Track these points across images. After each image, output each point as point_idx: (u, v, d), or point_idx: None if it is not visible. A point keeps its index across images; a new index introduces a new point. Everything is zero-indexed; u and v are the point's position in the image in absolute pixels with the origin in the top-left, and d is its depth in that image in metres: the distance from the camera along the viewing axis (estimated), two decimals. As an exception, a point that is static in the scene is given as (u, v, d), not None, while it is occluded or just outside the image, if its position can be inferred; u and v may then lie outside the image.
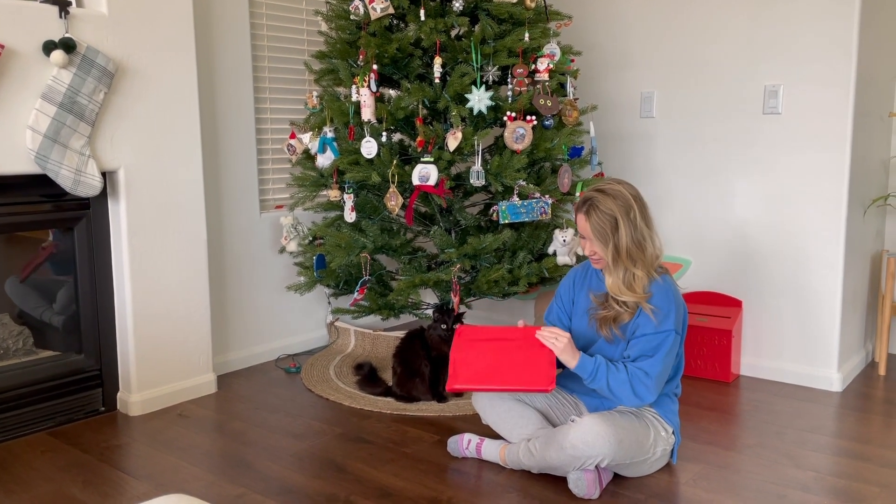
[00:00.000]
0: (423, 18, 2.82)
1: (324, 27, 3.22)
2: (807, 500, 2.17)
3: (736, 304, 3.31)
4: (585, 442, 2.12)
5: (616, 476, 2.30)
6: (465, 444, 2.47)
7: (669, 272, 2.32)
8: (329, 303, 3.81)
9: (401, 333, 3.61)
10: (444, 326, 2.86)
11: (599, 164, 3.30)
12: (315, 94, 3.14)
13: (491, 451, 2.42)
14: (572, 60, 3.10)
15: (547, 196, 2.87)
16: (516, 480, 2.30)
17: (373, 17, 2.84)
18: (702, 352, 3.27)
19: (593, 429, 2.12)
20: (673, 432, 2.32)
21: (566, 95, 3.06)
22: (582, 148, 3.16)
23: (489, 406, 2.45)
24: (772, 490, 2.24)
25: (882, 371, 3.34)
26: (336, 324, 3.77)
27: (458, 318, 2.89)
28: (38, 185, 2.65)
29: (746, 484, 2.28)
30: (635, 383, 2.16)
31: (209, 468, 2.43)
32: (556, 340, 2.21)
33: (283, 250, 3.41)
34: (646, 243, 2.20)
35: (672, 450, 2.35)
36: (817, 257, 3.11)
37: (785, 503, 2.15)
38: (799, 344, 3.20)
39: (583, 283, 2.42)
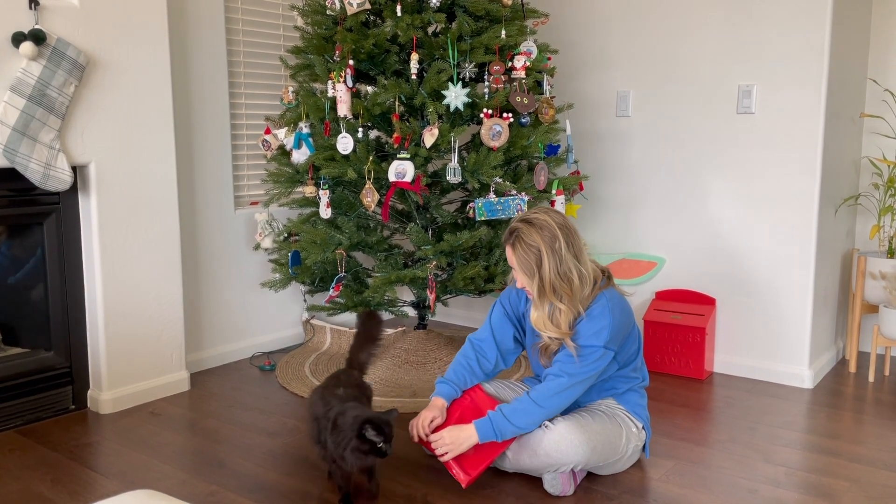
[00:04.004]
0: (399, 14, 2.80)
1: (300, 22, 3.20)
2: (778, 494, 2.20)
3: (709, 301, 3.34)
4: (559, 450, 2.12)
5: (590, 472, 2.30)
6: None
7: (613, 283, 2.26)
8: (304, 300, 3.78)
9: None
10: (380, 445, 1.98)
11: (575, 162, 3.32)
12: (291, 89, 3.12)
13: None
14: (549, 58, 3.11)
15: (523, 193, 2.87)
16: (492, 478, 2.30)
17: (349, 13, 2.83)
18: (675, 349, 3.29)
19: (567, 437, 2.12)
20: (643, 427, 2.33)
21: (543, 93, 3.06)
22: (558, 146, 3.17)
23: None
24: (743, 485, 2.26)
25: (853, 368, 3.39)
26: (311, 321, 3.75)
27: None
28: (7, 179, 2.60)
29: (718, 479, 2.30)
30: (543, 400, 2.12)
31: (181, 466, 2.40)
32: (443, 448, 2.17)
33: (257, 247, 3.39)
34: (571, 275, 2.12)
35: (644, 445, 2.36)
36: (789, 256, 3.15)
37: (756, 498, 2.18)
38: (771, 341, 3.23)
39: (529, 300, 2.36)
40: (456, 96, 2.78)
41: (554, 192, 3.04)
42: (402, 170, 2.75)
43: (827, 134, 3.06)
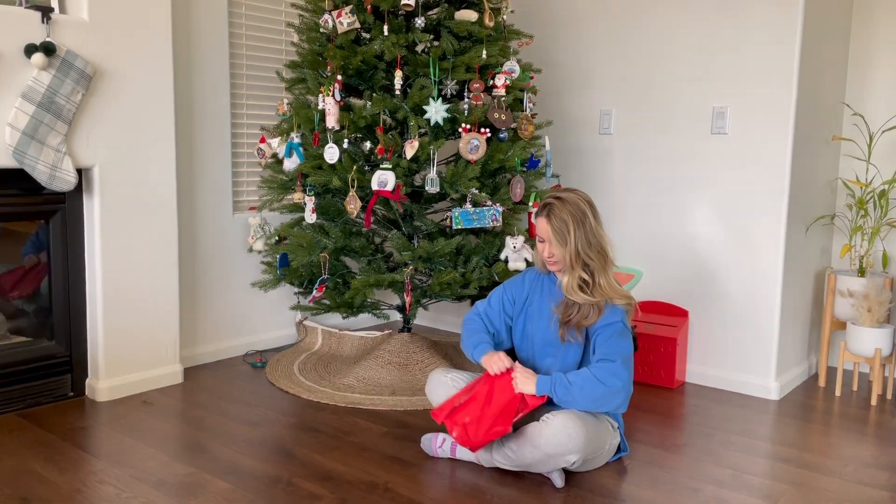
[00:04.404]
0: (386, 34, 2.98)
1: (296, 38, 3.39)
2: (719, 494, 2.32)
3: (682, 313, 3.46)
4: (558, 443, 2.25)
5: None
6: (438, 442, 2.55)
7: (619, 282, 2.48)
8: (298, 301, 3.95)
9: (366, 334, 3.77)
10: None
11: (556, 176, 3.47)
12: (286, 101, 3.31)
13: (466, 451, 2.50)
14: (531, 77, 3.27)
15: (498, 204, 3.02)
16: (450, 468, 2.45)
17: (339, 31, 3.01)
18: (648, 358, 3.42)
19: (565, 429, 2.25)
20: (617, 427, 2.49)
21: (523, 110, 3.22)
22: (539, 161, 3.32)
23: (444, 396, 2.52)
24: (688, 484, 2.38)
25: (822, 383, 3.49)
26: (304, 322, 3.92)
27: None
28: (16, 179, 2.81)
29: (666, 478, 2.43)
30: (596, 373, 2.30)
31: (164, 450, 2.57)
32: (516, 381, 2.35)
33: (250, 249, 3.57)
34: (603, 244, 2.38)
35: (619, 443, 2.51)
36: (759, 271, 3.27)
37: (698, 496, 2.30)
38: (740, 353, 3.35)
39: (536, 286, 2.56)
40: (436, 111, 2.95)
41: (531, 204, 3.19)
42: (383, 179, 2.92)
43: (796, 155, 3.19)
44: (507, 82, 3.08)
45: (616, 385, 2.30)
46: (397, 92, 3.00)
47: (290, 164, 3.15)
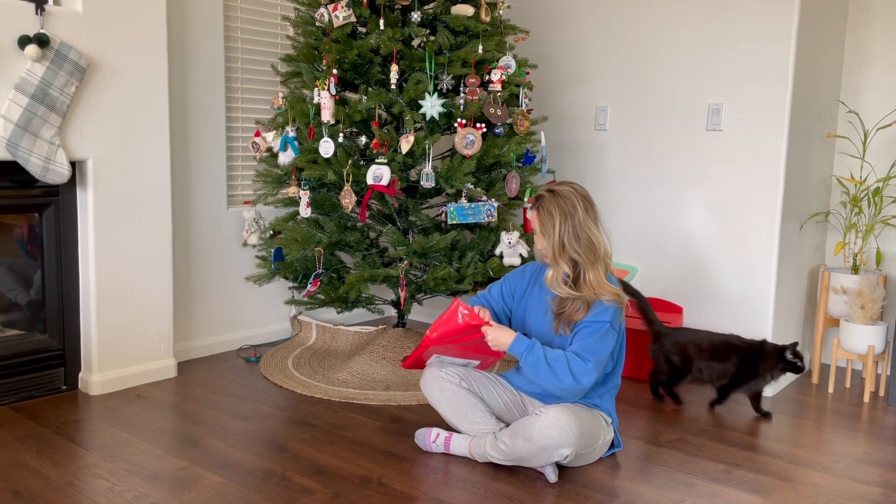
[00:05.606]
0: (382, 28, 2.98)
1: (291, 32, 3.38)
2: (713, 489, 2.33)
3: (677, 309, 3.47)
4: (551, 436, 2.25)
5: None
6: (432, 437, 2.55)
7: (614, 275, 2.49)
8: (292, 296, 3.95)
9: (360, 329, 3.76)
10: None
11: (551, 172, 3.47)
12: (281, 95, 3.30)
13: (460, 445, 2.50)
14: (528, 73, 3.27)
15: (493, 200, 3.02)
16: (444, 463, 2.45)
17: (335, 25, 3.00)
18: (643, 353, 3.41)
19: (558, 422, 2.25)
20: (611, 423, 2.50)
21: (519, 106, 3.22)
22: (534, 156, 3.32)
23: (438, 390, 2.54)
24: (681, 479, 2.39)
25: (815, 380, 3.50)
26: (299, 317, 3.91)
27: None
28: (9, 172, 2.79)
29: (660, 473, 2.43)
30: (571, 362, 2.30)
31: (158, 443, 2.57)
32: (491, 343, 2.37)
33: (245, 243, 3.56)
34: (593, 240, 2.35)
35: (612, 439, 2.51)
36: (753, 267, 3.28)
37: (691, 490, 2.31)
38: (734, 350, 3.35)
39: (536, 278, 2.57)
40: (432, 106, 2.94)
41: (526, 199, 3.19)
42: (379, 174, 2.91)
43: (791, 152, 3.19)
44: (503, 77, 3.08)
45: (584, 384, 2.31)
46: (393, 86, 2.99)
47: (285, 158, 3.14)
